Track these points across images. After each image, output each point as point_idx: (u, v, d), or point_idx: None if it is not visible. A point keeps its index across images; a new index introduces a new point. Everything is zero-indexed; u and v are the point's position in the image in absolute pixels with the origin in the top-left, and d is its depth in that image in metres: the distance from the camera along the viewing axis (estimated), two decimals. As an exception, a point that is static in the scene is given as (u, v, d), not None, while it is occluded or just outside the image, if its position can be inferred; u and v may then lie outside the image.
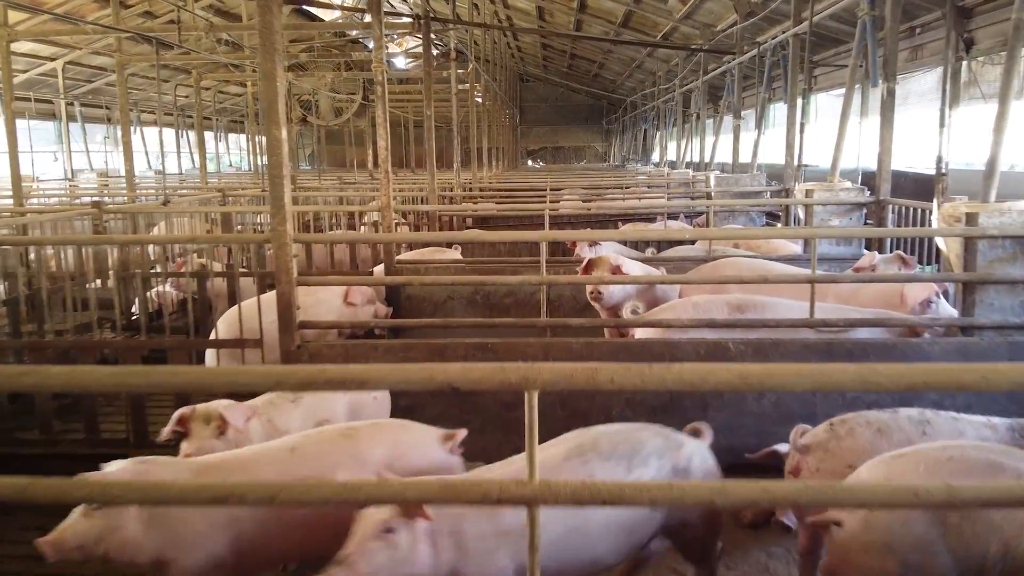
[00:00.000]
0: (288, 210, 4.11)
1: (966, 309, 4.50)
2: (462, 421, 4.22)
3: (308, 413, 3.60)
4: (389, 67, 26.29)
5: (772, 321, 4.16)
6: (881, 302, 4.99)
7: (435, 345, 4.20)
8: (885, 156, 6.46)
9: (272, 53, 3.98)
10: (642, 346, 4.15)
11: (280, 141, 4.03)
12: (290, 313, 4.17)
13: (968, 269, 4.47)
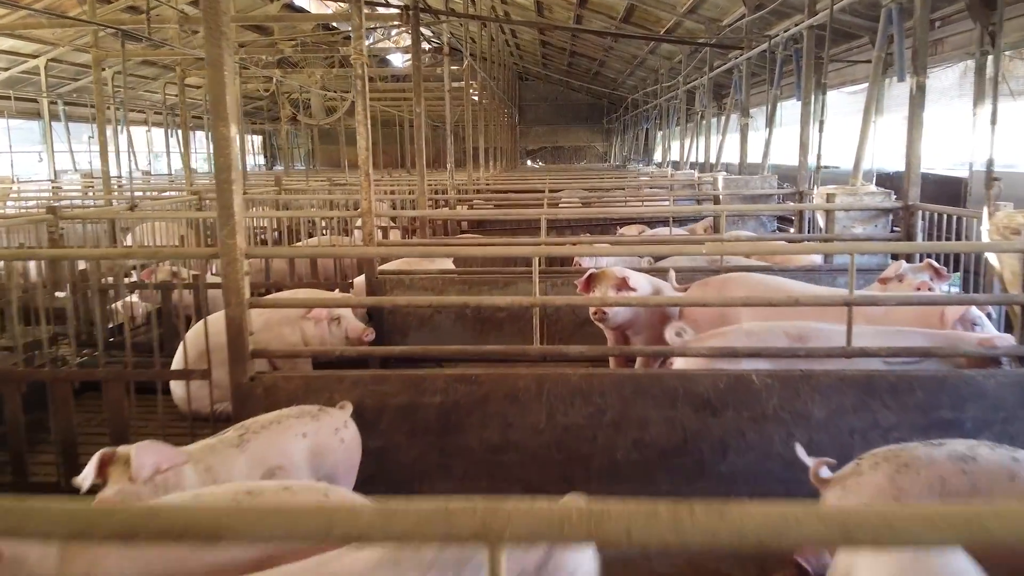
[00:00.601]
0: (239, 220, 3.52)
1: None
2: (440, 467, 3.66)
3: (256, 461, 3.02)
4: (385, 64, 25.77)
5: (802, 350, 3.57)
6: (915, 319, 4.42)
7: (411, 376, 3.61)
8: (914, 157, 5.87)
9: (219, 38, 3.40)
10: (652, 379, 3.56)
11: (228, 140, 3.45)
12: (241, 340, 3.58)
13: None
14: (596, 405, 3.59)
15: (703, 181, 11.13)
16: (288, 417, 3.19)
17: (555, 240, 6.81)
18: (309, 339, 5.02)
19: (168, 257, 4.29)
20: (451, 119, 14.08)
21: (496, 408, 3.61)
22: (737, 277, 4.73)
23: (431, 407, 3.61)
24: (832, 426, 3.57)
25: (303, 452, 3.11)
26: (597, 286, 4.45)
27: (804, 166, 8.33)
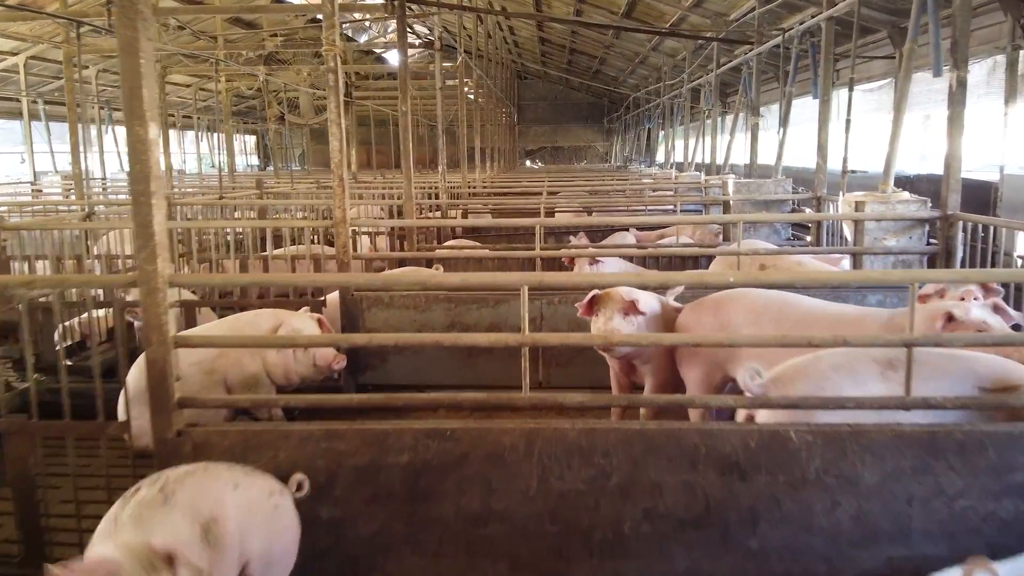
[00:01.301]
0: (160, 241, 2.87)
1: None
2: (408, 540, 3.01)
3: (189, 514, 2.42)
4: (381, 62, 25.09)
5: (850, 401, 2.91)
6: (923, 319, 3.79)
7: (372, 431, 2.96)
8: (954, 161, 5.22)
9: (133, 17, 2.75)
10: (667, 435, 2.91)
11: (146, 143, 2.80)
12: (164, 387, 2.93)
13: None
14: (599, 466, 2.94)
15: (710, 184, 10.47)
16: (214, 465, 2.60)
17: (552, 252, 6.18)
18: (271, 366, 4.36)
19: (76, 285, 3.65)
20: (446, 118, 13.47)
21: (476, 469, 2.96)
22: (736, 294, 4.08)
23: (397, 468, 2.97)
24: (886, 493, 2.92)
25: (234, 508, 2.49)
26: (601, 309, 3.80)
27: (822, 169, 7.66)
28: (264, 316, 4.58)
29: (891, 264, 5.54)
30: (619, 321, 3.66)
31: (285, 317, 4.51)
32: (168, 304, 2.92)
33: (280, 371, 4.39)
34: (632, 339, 3.11)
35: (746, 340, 3.36)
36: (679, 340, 3.21)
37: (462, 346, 5.40)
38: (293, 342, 3.64)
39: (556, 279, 3.39)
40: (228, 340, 3.84)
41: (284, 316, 4.53)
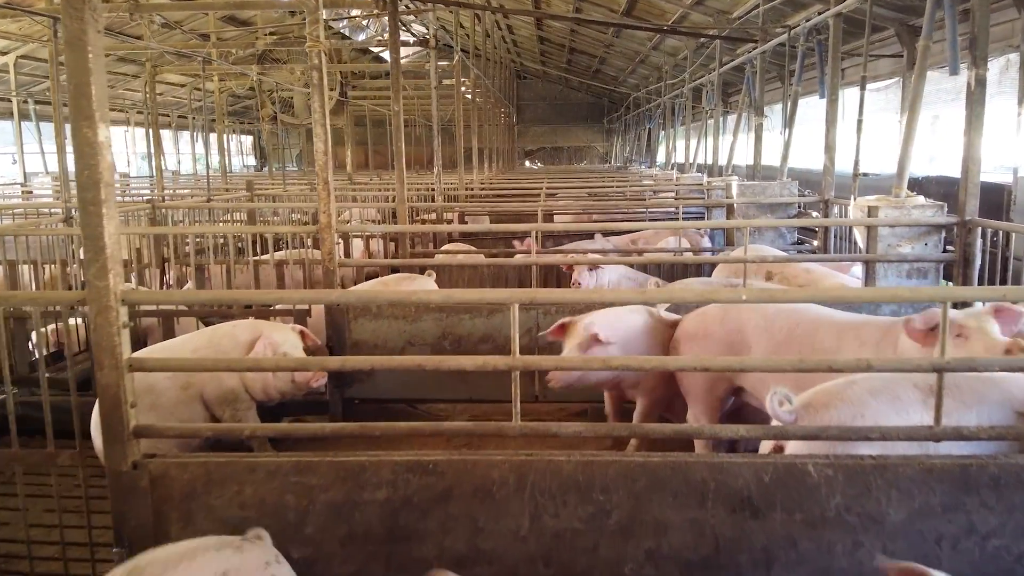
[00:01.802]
0: (112, 254, 2.60)
1: None
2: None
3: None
4: (380, 61, 24.76)
5: (875, 432, 2.62)
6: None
7: (346, 464, 2.69)
8: (972, 164, 4.95)
9: (80, 7, 2.48)
10: (672, 469, 2.64)
11: (95, 146, 2.53)
12: (118, 415, 2.66)
13: None
14: (597, 503, 2.67)
15: (713, 187, 10.19)
16: (205, 550, 2.24)
17: (549, 259, 5.90)
18: (250, 382, 4.10)
19: (20, 302, 3.38)
20: (443, 118, 13.17)
21: (462, 507, 2.68)
22: (797, 312, 3.79)
23: (374, 505, 2.69)
24: (913, 532, 2.65)
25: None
26: (567, 338, 3.60)
27: (830, 171, 7.40)
28: (243, 328, 4.31)
29: (905, 272, 5.27)
30: (577, 352, 3.49)
31: (265, 329, 4.25)
32: (122, 323, 2.65)
33: (258, 387, 4.12)
34: (634, 363, 2.82)
35: (758, 364, 3.08)
36: (683, 364, 2.93)
37: (455, 352, 5.18)
38: (259, 365, 3.36)
39: (548, 296, 3.12)
40: (188, 364, 3.56)
41: (264, 328, 4.26)
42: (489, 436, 2.81)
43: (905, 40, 10.08)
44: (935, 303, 2.84)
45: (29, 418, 3.53)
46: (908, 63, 10.00)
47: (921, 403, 2.72)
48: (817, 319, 3.67)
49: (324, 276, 5.17)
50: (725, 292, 2.67)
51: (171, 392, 3.98)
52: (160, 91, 21.40)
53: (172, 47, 10.26)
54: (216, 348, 4.16)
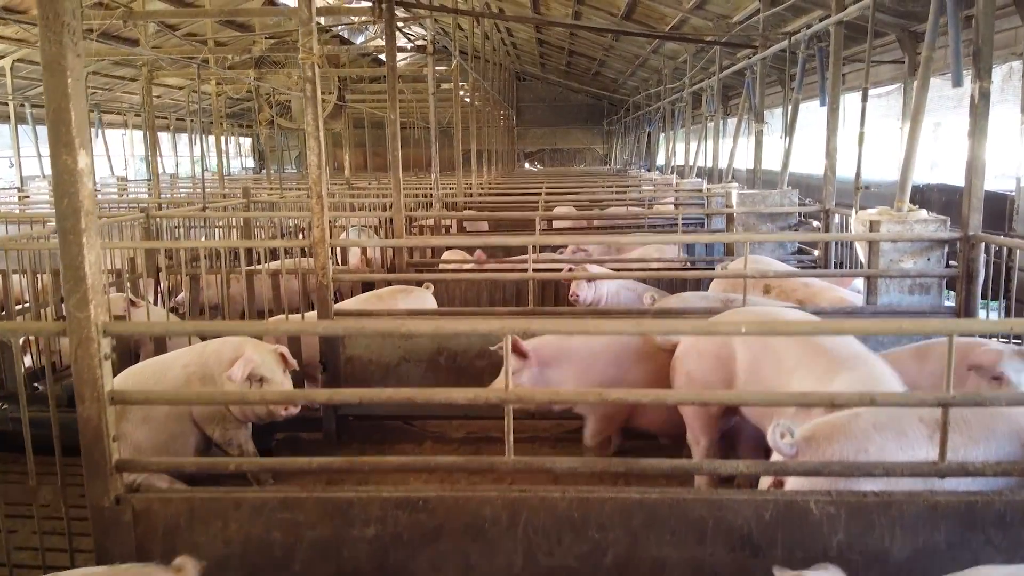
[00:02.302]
0: (93, 284, 2.52)
1: None
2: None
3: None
4: (380, 63, 24.64)
5: (879, 468, 2.54)
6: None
7: (334, 500, 2.61)
8: (976, 179, 4.86)
9: (59, 31, 2.40)
10: (671, 506, 2.56)
11: (75, 174, 2.45)
12: (99, 448, 2.58)
13: None
14: (593, 541, 2.59)
15: (713, 194, 10.11)
16: None
17: (546, 274, 5.83)
18: (232, 406, 4.03)
19: (2, 332, 3.29)
20: (442, 120, 13.09)
21: (453, 544, 2.61)
22: (739, 315, 3.73)
23: (362, 542, 2.62)
24: (917, 570, 2.57)
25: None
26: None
27: (831, 181, 7.32)
28: (229, 347, 4.24)
29: (907, 287, 5.19)
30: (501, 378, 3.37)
31: (248, 348, 4.18)
32: (104, 355, 2.57)
33: (237, 411, 4.07)
34: (644, 396, 2.73)
35: (757, 398, 3.00)
36: (682, 399, 2.85)
37: (450, 372, 5.11)
38: (244, 399, 3.28)
39: (543, 326, 3.04)
40: (169, 397, 3.50)
41: (247, 347, 4.19)
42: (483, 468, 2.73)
43: (907, 46, 10.00)
44: (940, 335, 2.75)
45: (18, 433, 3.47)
46: (910, 69, 9.92)
47: (927, 438, 2.64)
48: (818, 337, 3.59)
49: (318, 292, 5.08)
50: (725, 326, 2.59)
51: (162, 408, 3.99)
52: (158, 93, 21.32)
53: (168, 53, 10.17)
54: (204, 365, 4.10)
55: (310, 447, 4.83)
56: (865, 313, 5.01)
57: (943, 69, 8.29)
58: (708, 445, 3.60)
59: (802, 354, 3.21)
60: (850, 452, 2.60)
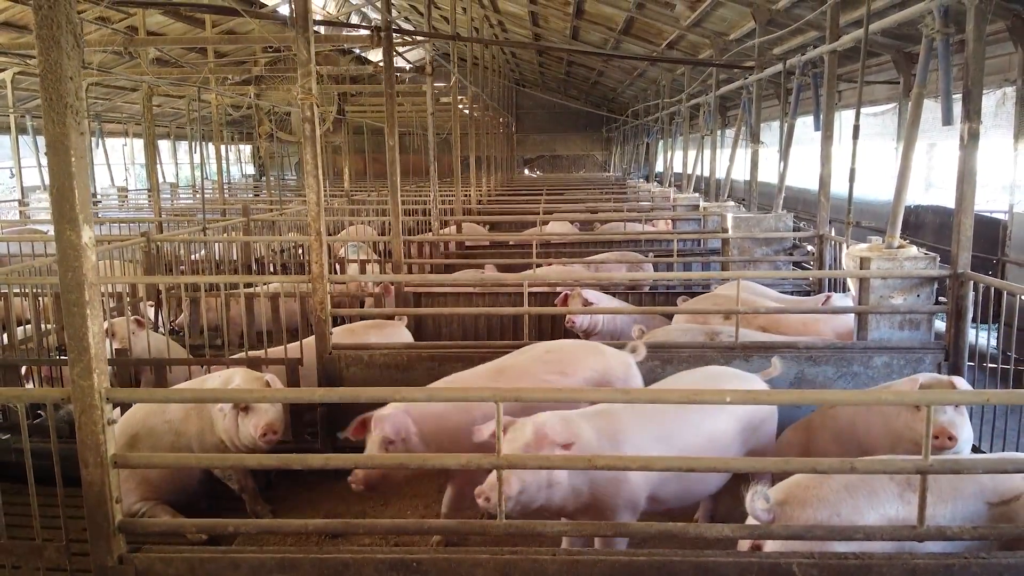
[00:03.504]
0: (97, 354, 2.60)
1: None
2: None
3: None
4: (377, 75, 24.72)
5: (859, 532, 2.62)
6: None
7: (329, 561, 2.68)
8: (965, 217, 4.94)
9: (63, 112, 2.47)
10: (656, 568, 2.63)
11: (79, 250, 2.53)
12: (103, 511, 2.66)
13: None
14: (581, 603, 2.67)
15: (710, 212, 10.19)
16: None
17: (541, 309, 5.90)
18: (221, 433, 4.14)
19: (7, 399, 3.35)
20: (441, 132, 13.15)
21: (446, 606, 2.68)
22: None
23: (358, 603, 2.69)
24: (899, 633, 2.64)
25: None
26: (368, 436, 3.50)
27: (825, 207, 7.41)
28: (220, 381, 4.37)
29: (897, 323, 5.26)
30: (376, 451, 3.38)
31: (235, 379, 4.30)
32: (107, 421, 2.64)
33: (226, 436, 4.16)
34: (632, 462, 2.79)
35: (744, 464, 3.07)
36: (673, 464, 2.92)
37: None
38: (241, 463, 3.37)
39: (532, 394, 3.11)
40: (170, 461, 3.62)
41: (234, 378, 4.31)
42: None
43: (902, 67, 10.08)
44: (920, 404, 2.82)
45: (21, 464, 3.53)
46: (904, 90, 10.00)
47: (898, 497, 2.73)
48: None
49: (316, 327, 5.16)
50: (709, 394, 2.66)
51: (167, 437, 4.22)
52: (158, 103, 21.40)
53: (169, 75, 10.24)
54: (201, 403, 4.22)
55: (308, 479, 4.90)
56: (855, 348, 5.08)
57: (938, 92, 8.38)
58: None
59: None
60: (824, 516, 2.68)
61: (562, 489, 3.03)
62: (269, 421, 3.92)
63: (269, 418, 3.96)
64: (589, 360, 4.09)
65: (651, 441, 3.24)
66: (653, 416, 3.35)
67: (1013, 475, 2.90)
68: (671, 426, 3.35)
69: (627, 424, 3.28)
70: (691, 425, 3.38)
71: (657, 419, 3.35)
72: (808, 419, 4.30)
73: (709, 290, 6.89)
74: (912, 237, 7.83)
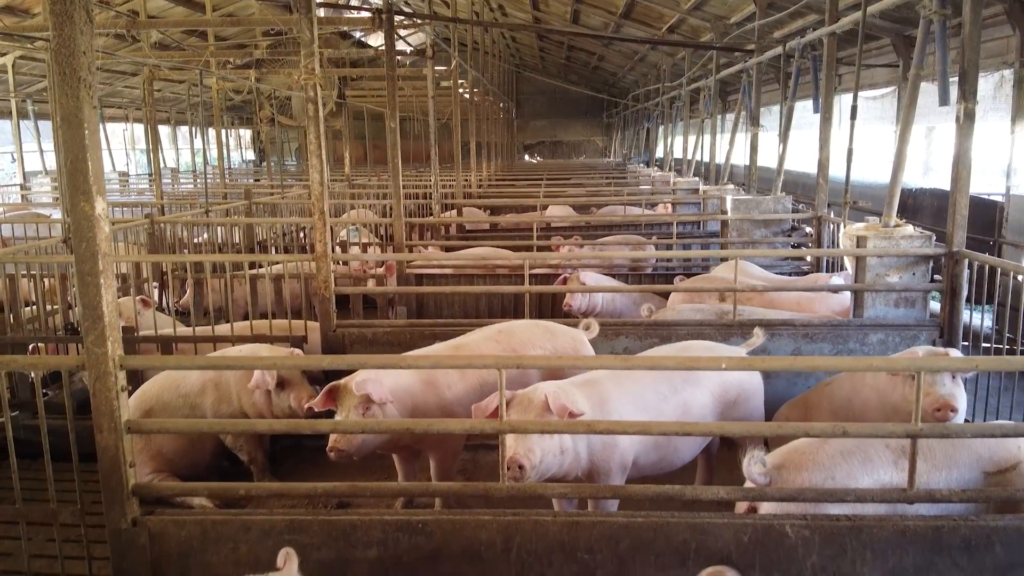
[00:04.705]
0: (111, 322, 2.67)
1: None
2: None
3: None
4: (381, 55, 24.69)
5: (850, 494, 2.71)
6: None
7: (338, 524, 2.77)
8: (960, 196, 5.00)
9: (76, 86, 2.53)
10: (655, 530, 2.72)
11: (93, 221, 2.60)
12: (117, 476, 2.74)
13: None
14: (582, 563, 2.76)
15: (709, 196, 10.24)
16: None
17: (542, 288, 5.98)
18: (248, 409, 4.22)
19: (22, 366, 3.43)
20: (441, 117, 13.16)
21: (451, 567, 2.77)
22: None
23: (364, 564, 2.78)
24: (888, 592, 2.73)
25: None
26: (341, 404, 3.49)
27: (823, 189, 7.46)
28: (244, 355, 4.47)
29: (893, 301, 5.34)
30: (356, 417, 3.41)
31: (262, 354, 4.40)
32: (120, 387, 2.72)
33: (254, 413, 4.23)
34: (618, 427, 2.88)
35: (739, 428, 3.15)
36: (670, 429, 3.01)
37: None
38: (253, 428, 3.45)
39: (535, 361, 3.19)
40: (182, 427, 3.68)
41: (260, 353, 4.41)
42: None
43: (901, 51, 10.10)
44: (909, 372, 2.90)
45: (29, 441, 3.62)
46: (903, 73, 10.02)
47: (892, 464, 2.81)
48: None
49: (320, 305, 5.24)
50: (705, 360, 2.74)
51: (182, 411, 4.31)
52: (158, 87, 21.38)
53: (170, 58, 10.27)
54: (219, 372, 4.30)
55: (313, 454, 4.98)
56: (851, 325, 5.16)
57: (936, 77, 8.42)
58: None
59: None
60: (819, 479, 2.77)
61: (570, 456, 3.14)
62: (311, 392, 4.04)
63: (310, 390, 4.08)
64: (537, 340, 4.22)
65: (633, 411, 3.35)
66: (631, 388, 3.47)
67: (1009, 445, 2.99)
68: (648, 397, 3.47)
69: (611, 394, 3.41)
70: (664, 397, 3.50)
71: (636, 391, 3.47)
72: (804, 396, 4.38)
73: (708, 271, 6.97)
74: (910, 220, 7.90)
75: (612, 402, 3.38)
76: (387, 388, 3.54)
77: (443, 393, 3.85)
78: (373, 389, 3.44)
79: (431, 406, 3.71)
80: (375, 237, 9.71)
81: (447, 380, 3.88)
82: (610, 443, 3.26)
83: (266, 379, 4.09)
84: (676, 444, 3.53)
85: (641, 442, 3.40)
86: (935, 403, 3.45)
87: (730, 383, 3.72)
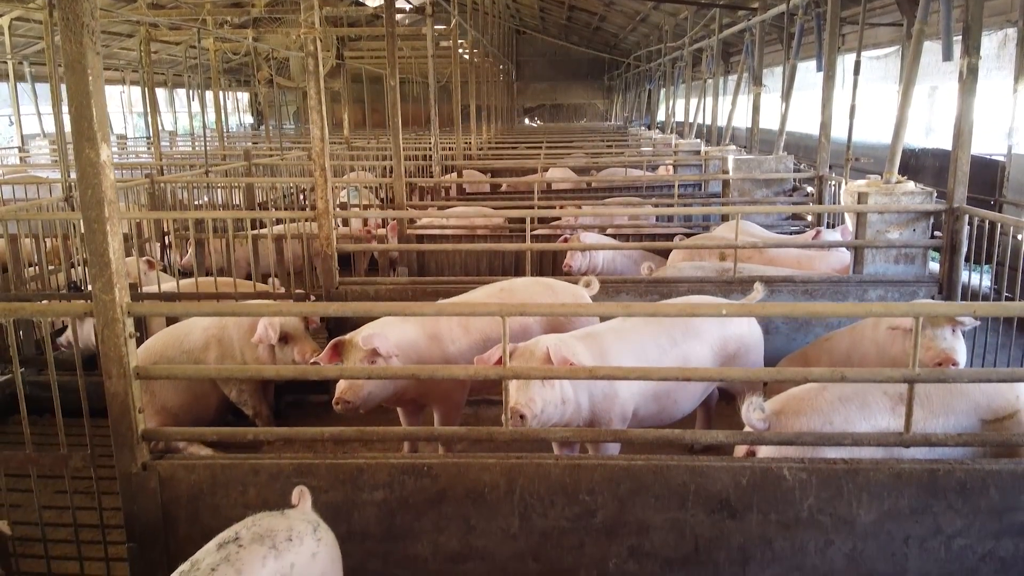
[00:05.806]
0: (117, 269, 2.70)
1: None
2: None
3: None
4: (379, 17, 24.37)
5: (847, 438, 2.76)
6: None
7: (345, 467, 2.82)
8: (962, 152, 5.00)
9: (79, 31, 2.53)
10: (654, 472, 2.77)
11: (98, 167, 2.61)
12: (127, 420, 2.79)
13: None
14: (583, 504, 2.82)
15: (711, 157, 10.21)
16: (257, 544, 2.35)
17: (543, 245, 6.00)
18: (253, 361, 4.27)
19: (31, 314, 3.45)
20: (440, 79, 13.07)
21: (455, 508, 2.83)
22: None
23: (371, 505, 2.84)
24: (883, 533, 2.80)
25: None
26: (346, 358, 3.54)
27: (825, 148, 7.43)
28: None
29: (893, 257, 5.36)
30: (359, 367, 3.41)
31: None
32: (128, 333, 2.76)
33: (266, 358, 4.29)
34: (629, 373, 2.92)
35: (739, 373, 3.20)
36: (670, 374, 3.05)
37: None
38: (260, 374, 3.49)
39: (538, 308, 3.22)
40: (190, 372, 3.72)
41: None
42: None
43: (905, 8, 9.98)
44: (908, 316, 2.94)
45: (40, 396, 3.67)
46: (907, 32, 9.93)
47: (890, 410, 2.86)
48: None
49: (323, 262, 5.26)
50: (705, 307, 2.77)
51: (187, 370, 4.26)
52: (155, 49, 21.15)
53: (167, 15, 10.16)
54: (223, 328, 4.35)
55: (317, 409, 5.04)
56: (851, 282, 5.19)
57: (939, 35, 8.36)
58: None
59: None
60: (817, 424, 2.82)
61: (571, 406, 3.20)
62: (314, 347, 4.08)
63: (313, 345, 4.13)
64: (539, 296, 4.28)
65: (634, 363, 3.40)
66: (632, 340, 3.52)
67: (1007, 394, 3.03)
68: (648, 350, 3.51)
69: (612, 346, 3.46)
70: (664, 350, 3.55)
71: (636, 343, 3.51)
72: (803, 351, 4.43)
73: (709, 230, 6.98)
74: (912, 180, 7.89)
75: (612, 354, 3.43)
76: (393, 342, 3.59)
77: (447, 348, 3.91)
78: (380, 343, 3.48)
79: (436, 360, 3.77)
80: (375, 199, 9.70)
81: (451, 335, 3.94)
82: (610, 393, 3.32)
83: (269, 333, 4.13)
84: (675, 396, 3.59)
85: (641, 393, 3.46)
86: (936, 357, 3.51)
87: (730, 336, 3.76)
